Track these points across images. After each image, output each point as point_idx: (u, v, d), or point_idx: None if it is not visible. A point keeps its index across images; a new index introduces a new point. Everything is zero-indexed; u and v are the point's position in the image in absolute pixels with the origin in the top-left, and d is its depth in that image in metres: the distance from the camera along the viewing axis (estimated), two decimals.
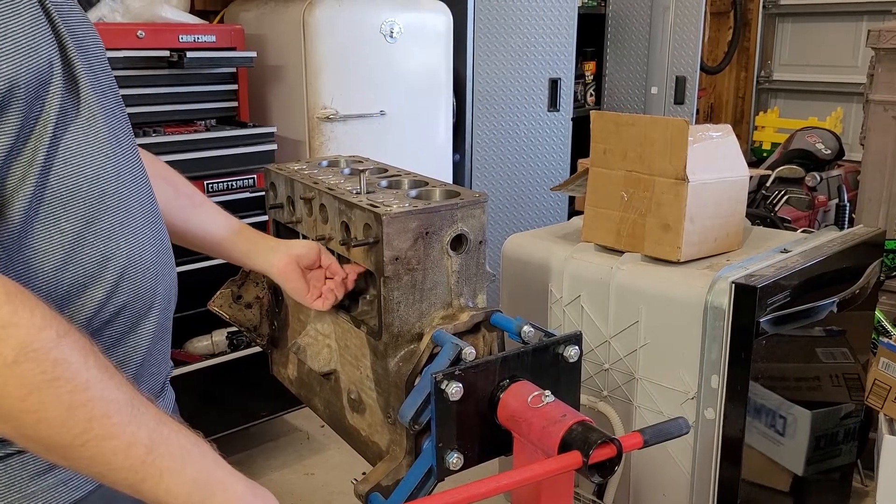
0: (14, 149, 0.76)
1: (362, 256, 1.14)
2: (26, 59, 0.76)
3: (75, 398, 0.71)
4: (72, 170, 0.83)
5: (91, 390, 0.72)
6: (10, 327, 0.68)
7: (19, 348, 0.68)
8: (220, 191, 2.49)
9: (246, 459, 2.76)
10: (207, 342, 2.66)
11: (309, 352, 1.32)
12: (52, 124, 0.80)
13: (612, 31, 4.15)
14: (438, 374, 0.98)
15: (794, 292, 1.68)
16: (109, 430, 0.72)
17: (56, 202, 0.81)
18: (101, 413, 0.72)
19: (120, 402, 0.74)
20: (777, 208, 3.24)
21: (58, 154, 0.81)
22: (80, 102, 0.84)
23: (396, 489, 1.09)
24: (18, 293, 0.71)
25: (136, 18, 2.42)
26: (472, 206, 1.14)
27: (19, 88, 0.75)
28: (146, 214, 0.94)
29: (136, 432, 0.74)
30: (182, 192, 1.20)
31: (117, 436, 0.73)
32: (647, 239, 1.78)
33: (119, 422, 0.73)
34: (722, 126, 1.87)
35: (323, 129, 2.72)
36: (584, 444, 0.91)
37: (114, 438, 0.72)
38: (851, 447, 2.16)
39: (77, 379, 0.71)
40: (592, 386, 1.85)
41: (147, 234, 0.93)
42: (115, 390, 0.74)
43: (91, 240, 0.85)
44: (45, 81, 0.79)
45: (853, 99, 4.44)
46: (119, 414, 0.73)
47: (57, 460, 0.75)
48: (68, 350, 0.71)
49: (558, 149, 3.63)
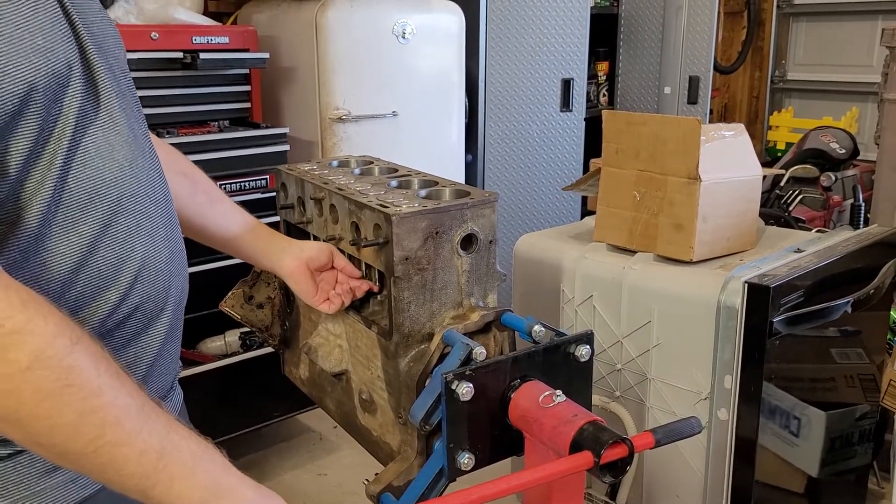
0: (33, 152, 0.76)
1: (372, 256, 1.14)
2: (45, 62, 0.75)
3: (88, 404, 0.71)
4: (90, 172, 0.82)
5: (103, 396, 0.72)
6: (26, 334, 0.69)
7: (34, 355, 0.69)
8: (233, 191, 2.50)
9: (259, 460, 2.77)
10: (220, 343, 2.67)
11: (320, 352, 1.32)
12: (72, 127, 0.80)
13: (624, 30, 4.13)
14: (449, 375, 0.98)
15: (808, 292, 1.67)
16: (122, 437, 0.73)
17: (74, 205, 0.81)
18: (113, 419, 0.72)
19: (131, 409, 0.74)
20: (791, 208, 3.22)
21: (76, 157, 0.81)
22: (99, 104, 0.84)
23: (408, 490, 1.09)
24: (33, 300, 0.71)
25: (150, 20, 2.43)
26: (482, 205, 1.13)
27: (38, 91, 0.75)
28: (161, 215, 0.93)
29: (147, 439, 0.74)
30: (200, 188, 1.20)
31: (129, 443, 0.73)
32: (660, 239, 1.77)
33: (131, 429, 0.73)
34: (735, 125, 1.86)
35: (335, 130, 2.73)
36: (595, 444, 0.91)
37: (126, 445, 0.73)
38: (867, 449, 2.14)
39: (90, 385, 0.71)
40: (605, 386, 1.85)
41: (162, 235, 0.93)
42: (127, 396, 0.74)
43: (108, 242, 0.85)
44: (64, 83, 0.79)
45: (868, 98, 4.40)
46: (131, 420, 0.74)
47: (68, 466, 0.75)
48: (81, 357, 0.72)
49: (571, 149, 3.62)
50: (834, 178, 3.35)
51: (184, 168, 1.18)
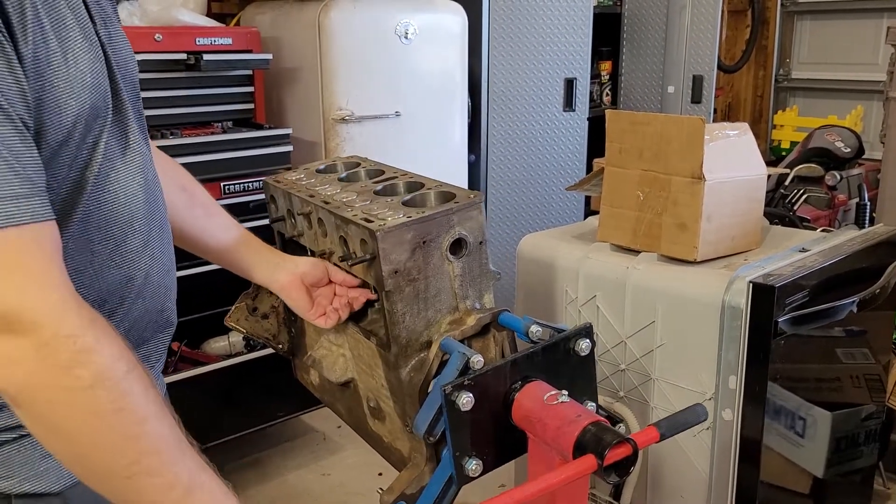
0: (67, 178, 0.81)
1: (363, 272, 1.13)
2: (90, 96, 0.80)
3: (133, 430, 0.74)
4: (110, 196, 0.86)
5: (147, 425, 0.75)
6: (93, 353, 0.71)
7: (98, 375, 0.71)
8: (236, 192, 2.50)
9: (263, 460, 2.77)
10: (224, 343, 2.67)
11: (324, 363, 1.31)
12: (101, 154, 0.84)
13: (627, 30, 4.13)
14: (447, 387, 0.97)
15: (813, 292, 1.66)
16: (156, 467, 0.75)
17: (92, 225, 0.85)
18: (152, 449, 0.75)
19: (170, 441, 0.76)
20: (796, 207, 3.20)
21: (101, 183, 0.85)
22: (126, 134, 0.89)
23: (420, 498, 1.08)
24: (99, 321, 0.74)
25: (154, 22, 2.44)
26: (467, 208, 1.11)
27: (81, 123, 0.80)
28: (160, 231, 0.97)
29: (178, 473, 0.76)
30: (197, 201, 1.22)
31: (162, 474, 0.75)
32: (664, 238, 1.77)
33: (167, 460, 0.76)
34: (739, 124, 1.85)
35: (338, 131, 2.73)
36: (598, 445, 0.91)
37: (158, 476, 0.75)
38: (873, 449, 2.13)
39: (139, 412, 0.74)
40: (608, 387, 1.84)
41: (161, 251, 0.96)
42: (168, 428, 0.77)
43: (118, 261, 0.88)
44: (99, 114, 0.83)
45: (873, 97, 4.38)
46: (168, 452, 0.76)
47: (95, 485, 0.77)
48: (135, 383, 0.74)
49: (574, 149, 3.61)
50: (839, 177, 3.34)
51: (183, 182, 1.19)
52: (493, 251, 1.83)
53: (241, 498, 0.84)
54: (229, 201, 2.45)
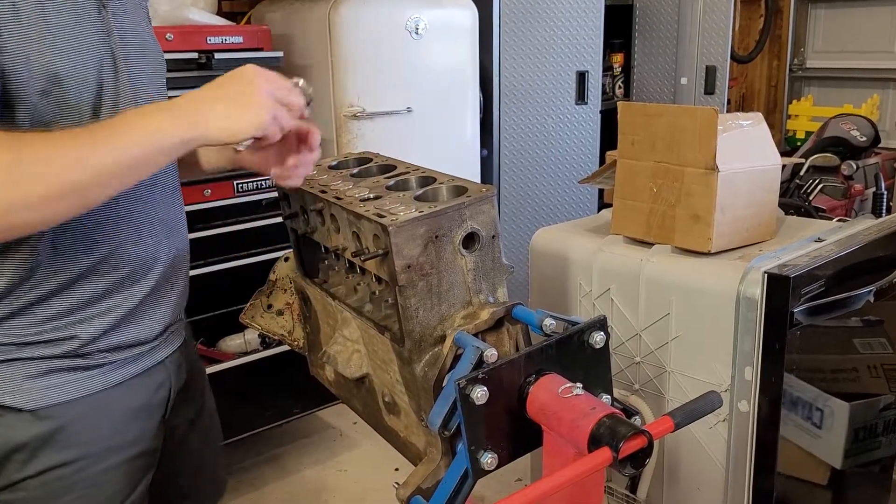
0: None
1: (376, 267, 1.13)
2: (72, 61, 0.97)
3: (50, 179, 0.87)
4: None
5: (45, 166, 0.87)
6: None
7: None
8: (249, 191, 2.51)
9: (280, 455, 2.79)
10: (240, 340, 2.69)
11: (339, 359, 1.31)
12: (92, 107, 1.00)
13: (639, 21, 4.10)
14: (462, 381, 0.96)
15: (829, 282, 1.65)
16: (81, 170, 0.88)
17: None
18: (67, 172, 0.87)
19: (66, 150, 0.89)
20: (811, 197, 3.18)
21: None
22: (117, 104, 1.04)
23: (436, 492, 1.09)
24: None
25: (165, 22, 2.45)
26: (480, 202, 1.10)
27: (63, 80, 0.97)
28: (169, 179, 1.13)
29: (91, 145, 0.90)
30: None
31: (90, 165, 0.88)
32: (678, 230, 1.76)
33: (79, 157, 0.88)
34: (752, 114, 1.84)
35: (350, 127, 2.73)
36: (613, 437, 0.91)
37: (91, 168, 0.88)
38: (891, 439, 2.11)
39: (34, 169, 0.86)
40: (623, 379, 1.84)
41: (160, 199, 1.12)
42: (52, 146, 0.88)
43: (125, 204, 1.06)
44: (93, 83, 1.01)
45: (889, 85, 4.34)
46: (76, 150, 0.88)
47: (88, 194, 0.90)
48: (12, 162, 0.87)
49: (587, 142, 3.60)
50: (855, 167, 3.31)
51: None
52: (506, 245, 1.83)
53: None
54: (242, 199, 2.45)
